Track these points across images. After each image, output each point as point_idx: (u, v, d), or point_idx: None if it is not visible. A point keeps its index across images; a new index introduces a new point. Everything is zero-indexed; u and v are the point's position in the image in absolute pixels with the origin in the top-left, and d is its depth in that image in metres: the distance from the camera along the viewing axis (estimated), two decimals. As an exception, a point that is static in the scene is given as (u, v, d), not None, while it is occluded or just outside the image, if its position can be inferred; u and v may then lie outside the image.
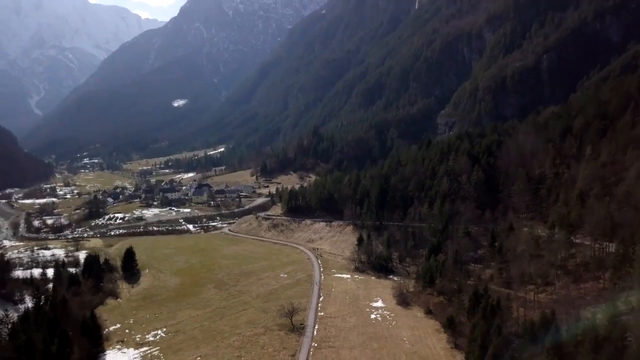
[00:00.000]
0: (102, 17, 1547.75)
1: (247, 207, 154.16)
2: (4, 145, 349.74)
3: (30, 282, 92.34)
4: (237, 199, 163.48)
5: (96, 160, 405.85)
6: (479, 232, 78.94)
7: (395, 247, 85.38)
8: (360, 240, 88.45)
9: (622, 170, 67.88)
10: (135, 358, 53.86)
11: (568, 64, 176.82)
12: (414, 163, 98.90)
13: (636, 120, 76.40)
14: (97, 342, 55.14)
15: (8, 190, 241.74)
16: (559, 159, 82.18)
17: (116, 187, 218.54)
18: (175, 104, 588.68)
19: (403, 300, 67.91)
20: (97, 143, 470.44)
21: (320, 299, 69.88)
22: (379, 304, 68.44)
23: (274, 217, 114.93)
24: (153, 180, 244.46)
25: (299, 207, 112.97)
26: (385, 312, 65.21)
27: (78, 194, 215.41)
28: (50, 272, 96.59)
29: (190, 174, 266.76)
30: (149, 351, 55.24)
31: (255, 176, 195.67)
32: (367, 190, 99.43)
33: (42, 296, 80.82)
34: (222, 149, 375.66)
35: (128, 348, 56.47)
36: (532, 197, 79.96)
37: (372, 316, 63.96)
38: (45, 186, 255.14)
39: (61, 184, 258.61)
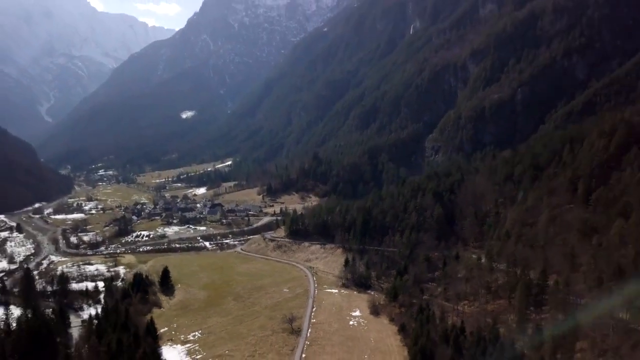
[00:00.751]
0: (110, 25, 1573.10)
1: (255, 225, 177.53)
2: (28, 158, 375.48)
3: (85, 293, 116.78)
4: (246, 218, 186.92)
5: (111, 172, 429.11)
6: (438, 257, 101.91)
7: (373, 268, 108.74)
8: (346, 262, 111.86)
9: (538, 215, 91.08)
10: (183, 351, 77.43)
11: (539, 97, 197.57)
12: (392, 198, 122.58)
13: (557, 172, 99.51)
14: (155, 340, 78.40)
15: (37, 205, 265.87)
16: (501, 199, 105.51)
17: (136, 203, 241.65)
18: (184, 116, 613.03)
19: (375, 310, 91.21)
20: (111, 154, 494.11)
21: (313, 310, 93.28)
22: (357, 313, 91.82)
23: (278, 239, 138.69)
24: (168, 195, 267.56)
25: (299, 231, 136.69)
26: (361, 319, 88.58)
27: (102, 209, 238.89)
28: (100, 285, 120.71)
29: (202, 189, 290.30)
30: (191, 347, 78.86)
31: (261, 195, 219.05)
32: (353, 219, 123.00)
33: (97, 305, 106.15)
34: (229, 162, 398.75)
35: (176, 344, 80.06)
36: (479, 230, 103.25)
37: (351, 323, 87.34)
38: (70, 200, 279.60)
39: (84, 198, 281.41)
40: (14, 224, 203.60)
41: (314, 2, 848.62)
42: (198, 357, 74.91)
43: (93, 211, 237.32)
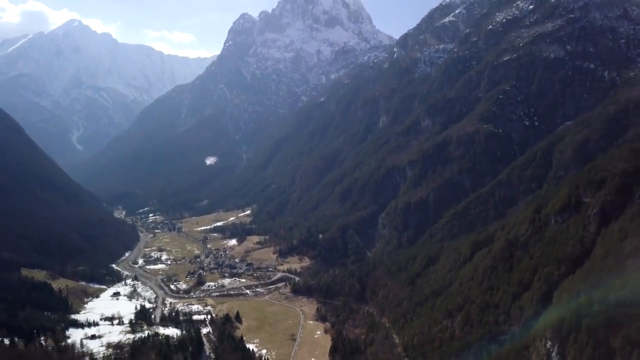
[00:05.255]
0: (130, 56, 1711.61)
1: (272, 279, 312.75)
2: (106, 212, 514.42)
3: (199, 321, 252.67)
4: (267, 273, 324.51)
5: (158, 217, 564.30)
6: (354, 309, 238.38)
7: (329, 312, 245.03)
8: (317, 308, 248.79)
9: (390, 294, 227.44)
10: (254, 346, 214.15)
11: (442, 200, 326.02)
12: (340, 276, 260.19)
13: (404, 273, 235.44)
14: (243, 342, 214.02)
15: (127, 254, 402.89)
16: (383, 283, 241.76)
17: (195, 256, 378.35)
18: (208, 162, 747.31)
19: (326, 331, 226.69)
20: (154, 199, 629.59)
21: (301, 331, 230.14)
22: (319, 332, 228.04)
23: (286, 293, 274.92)
24: (212, 248, 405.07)
25: (297, 289, 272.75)
26: (319, 335, 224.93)
27: (174, 260, 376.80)
28: (203, 317, 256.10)
29: (233, 241, 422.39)
30: (256, 344, 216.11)
31: (275, 255, 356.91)
32: (322, 286, 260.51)
33: (206, 327, 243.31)
34: (249, 211, 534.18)
35: (250, 344, 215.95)
36: (376, 301, 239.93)
37: (315, 336, 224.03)
38: (146, 250, 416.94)
39: (154, 248, 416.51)
40: (128, 273, 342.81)
41: (315, 55, 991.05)
42: (260, 347, 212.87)
43: (169, 262, 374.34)
